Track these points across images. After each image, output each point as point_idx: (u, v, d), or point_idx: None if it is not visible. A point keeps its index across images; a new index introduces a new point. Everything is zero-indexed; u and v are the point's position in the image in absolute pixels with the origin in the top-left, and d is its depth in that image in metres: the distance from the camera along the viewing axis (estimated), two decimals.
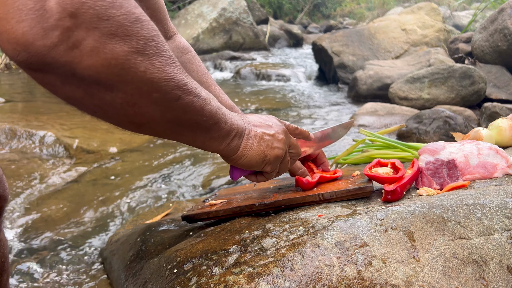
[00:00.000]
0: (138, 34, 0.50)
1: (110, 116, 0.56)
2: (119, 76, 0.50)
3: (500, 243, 0.77)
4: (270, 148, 0.80)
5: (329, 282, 0.72)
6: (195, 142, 0.68)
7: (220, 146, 0.72)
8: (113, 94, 0.51)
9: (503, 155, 1.02)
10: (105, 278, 1.34)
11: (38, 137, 2.61)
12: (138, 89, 0.52)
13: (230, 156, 0.75)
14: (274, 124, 0.83)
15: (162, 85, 0.54)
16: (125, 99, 0.53)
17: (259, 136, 0.78)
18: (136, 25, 0.50)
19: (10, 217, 1.84)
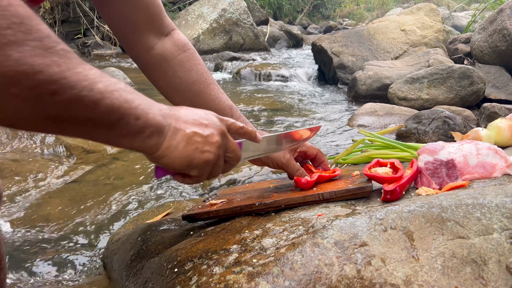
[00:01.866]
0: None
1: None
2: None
3: (499, 243, 0.77)
4: (199, 151, 0.70)
5: (328, 282, 0.73)
6: (96, 138, 0.60)
7: (133, 143, 0.63)
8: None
9: (502, 154, 1.02)
10: (105, 278, 1.34)
11: (39, 137, 2.61)
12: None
13: (149, 154, 0.67)
14: (211, 123, 0.73)
15: (23, 78, 0.48)
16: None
17: (188, 137, 0.69)
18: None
19: (10, 216, 1.84)
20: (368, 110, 3.50)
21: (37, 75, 0.49)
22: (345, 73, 5.30)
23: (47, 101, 0.51)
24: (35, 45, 0.49)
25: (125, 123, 0.59)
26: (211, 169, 0.75)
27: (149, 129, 0.63)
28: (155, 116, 0.64)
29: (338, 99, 4.60)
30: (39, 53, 0.49)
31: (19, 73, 0.48)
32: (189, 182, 0.75)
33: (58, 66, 0.51)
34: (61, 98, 0.51)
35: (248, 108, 4.10)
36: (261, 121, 3.59)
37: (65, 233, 1.72)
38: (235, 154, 0.79)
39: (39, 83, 0.49)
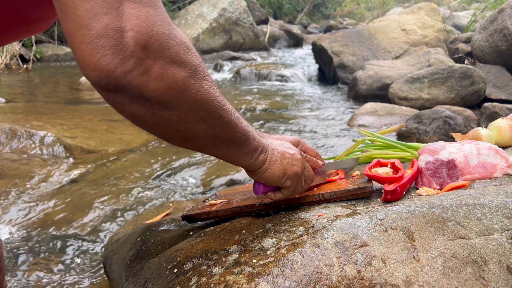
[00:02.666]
0: (190, 61, 0.60)
1: (165, 131, 0.65)
2: (177, 97, 0.60)
3: (500, 243, 0.77)
4: (290, 164, 0.87)
5: (329, 282, 0.72)
6: (229, 156, 0.77)
7: (250, 160, 0.79)
8: (170, 112, 0.61)
9: (503, 154, 1.02)
10: (105, 278, 1.34)
11: (38, 137, 2.61)
12: (190, 108, 0.62)
13: (256, 169, 0.82)
14: (291, 147, 0.91)
15: (208, 105, 0.64)
16: (179, 117, 0.62)
17: (281, 154, 0.86)
18: (188, 52, 0.60)
19: (9, 217, 1.84)
20: (368, 110, 3.50)
21: (215, 102, 0.65)
22: (346, 73, 5.29)
23: (215, 122, 0.67)
24: (210, 79, 0.65)
25: (249, 143, 0.77)
26: (298, 182, 0.91)
27: (260, 148, 0.81)
28: (261, 139, 0.82)
29: (338, 99, 4.60)
30: (212, 86, 0.65)
31: (206, 100, 0.63)
32: (279, 196, 0.91)
33: (220, 96, 0.67)
34: (223, 121, 0.68)
35: (248, 108, 4.10)
36: (260, 121, 3.59)
37: (65, 233, 1.72)
38: (310, 172, 0.95)
39: (215, 109, 0.65)
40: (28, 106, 3.82)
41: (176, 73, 0.58)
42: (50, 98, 4.33)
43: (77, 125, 3.04)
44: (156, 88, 0.57)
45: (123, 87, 0.55)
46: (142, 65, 0.55)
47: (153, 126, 0.63)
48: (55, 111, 3.49)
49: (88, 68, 0.54)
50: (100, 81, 0.55)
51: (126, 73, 0.54)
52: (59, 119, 3.13)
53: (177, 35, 0.59)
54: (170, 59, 0.57)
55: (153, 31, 0.55)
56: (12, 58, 6.54)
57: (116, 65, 0.53)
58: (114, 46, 0.53)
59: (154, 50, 0.55)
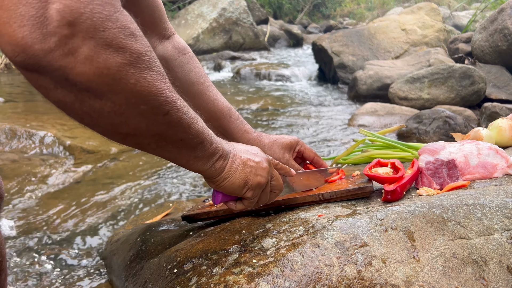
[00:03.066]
0: (132, 48, 0.53)
1: (97, 124, 0.58)
2: (110, 86, 0.52)
3: (500, 243, 0.77)
4: (253, 174, 0.80)
5: (329, 282, 0.72)
6: (179, 159, 0.70)
7: (204, 166, 0.73)
8: (102, 102, 0.54)
9: (503, 155, 1.02)
10: (105, 278, 1.34)
11: (38, 137, 2.61)
12: (126, 100, 0.55)
13: (213, 177, 0.76)
14: (258, 153, 0.84)
15: (151, 98, 0.57)
16: (113, 109, 0.55)
17: (244, 162, 0.79)
18: (130, 39, 0.53)
19: (10, 217, 1.84)
20: (368, 110, 3.50)
21: (160, 96, 0.58)
22: (346, 73, 5.29)
23: (160, 120, 0.60)
24: (158, 71, 0.58)
25: (203, 147, 0.70)
26: (262, 192, 0.85)
27: (218, 154, 0.74)
28: (222, 144, 0.76)
29: (338, 99, 4.60)
30: (160, 78, 0.58)
31: (149, 93, 0.56)
32: (240, 207, 0.85)
33: (170, 91, 0.60)
34: (170, 119, 0.61)
35: (248, 107, 4.10)
36: (260, 120, 3.59)
37: (65, 234, 1.72)
38: (279, 181, 0.89)
39: (159, 104, 0.58)
40: (28, 106, 3.82)
41: (109, 58, 0.51)
42: None
43: (77, 125, 3.03)
44: (83, 72, 0.50)
45: (43, 67, 0.49)
46: (67, 44, 0.48)
47: (83, 116, 0.56)
48: (55, 111, 3.48)
49: (3, 40, 0.47)
50: (15, 57, 0.48)
51: (47, 52, 0.47)
52: (59, 119, 3.13)
53: (120, 18, 0.52)
54: (104, 42, 0.50)
55: (86, 7, 0.48)
56: None
57: (34, 40, 0.47)
58: (35, 17, 0.46)
59: (84, 29, 0.48)
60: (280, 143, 1.15)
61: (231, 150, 0.79)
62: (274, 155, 1.14)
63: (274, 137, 1.17)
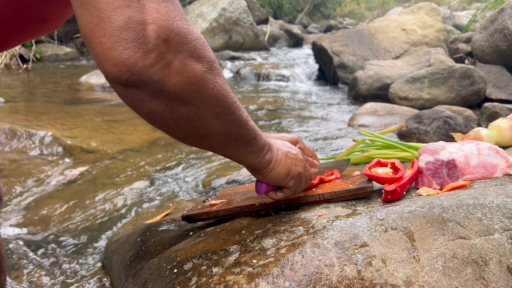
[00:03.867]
0: (207, 56, 0.60)
1: (181, 129, 0.64)
2: (196, 92, 0.59)
3: (500, 243, 0.77)
4: (294, 164, 0.87)
5: (329, 282, 0.72)
6: (237, 155, 0.76)
7: (257, 159, 0.79)
8: (189, 108, 0.60)
9: (503, 155, 1.02)
10: (105, 278, 1.34)
11: (38, 137, 2.61)
12: (207, 104, 0.62)
13: (262, 168, 0.82)
14: (293, 147, 0.92)
15: (223, 101, 0.64)
16: (197, 113, 0.62)
17: (285, 154, 0.86)
18: (205, 48, 0.60)
19: (9, 217, 1.84)
20: (368, 110, 3.50)
21: (228, 98, 0.65)
22: (346, 73, 5.29)
23: (228, 119, 0.67)
24: (223, 75, 0.65)
25: (257, 141, 0.77)
26: (299, 182, 0.91)
27: (267, 147, 0.81)
28: (267, 138, 0.82)
29: (338, 99, 4.60)
30: (225, 82, 0.65)
31: (222, 96, 0.63)
32: (281, 196, 0.91)
33: (232, 93, 0.67)
34: (235, 117, 0.68)
35: (248, 108, 4.10)
36: (260, 121, 3.59)
37: (64, 234, 1.72)
38: (309, 172, 0.96)
39: (228, 105, 0.65)
40: (28, 106, 3.82)
41: (195, 68, 0.58)
42: (50, 98, 4.33)
43: (77, 125, 3.04)
44: (176, 83, 0.56)
45: (144, 82, 0.54)
46: (163, 59, 0.54)
47: (170, 123, 0.62)
48: (55, 111, 3.49)
49: (109, 63, 0.53)
50: (120, 76, 0.54)
51: (148, 67, 0.53)
52: (59, 119, 3.13)
53: (194, 31, 0.59)
54: (189, 54, 0.57)
55: (173, 25, 0.55)
56: (12, 58, 6.54)
57: (138, 58, 0.53)
58: (136, 39, 0.52)
59: (175, 44, 0.55)
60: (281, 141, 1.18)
61: (273, 143, 0.85)
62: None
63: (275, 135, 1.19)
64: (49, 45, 7.88)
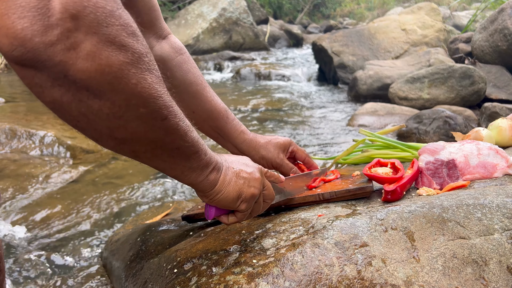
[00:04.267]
0: (133, 47, 0.51)
1: (93, 127, 0.54)
2: (111, 84, 0.50)
3: (500, 243, 0.77)
4: (247, 185, 0.78)
5: (329, 282, 0.72)
6: (173, 170, 0.67)
7: (198, 178, 0.70)
8: (101, 102, 0.51)
9: (503, 155, 1.02)
10: (105, 278, 1.34)
11: (38, 137, 2.61)
12: (126, 101, 0.52)
13: (207, 190, 0.73)
14: (250, 164, 0.82)
15: (151, 101, 0.54)
16: (112, 110, 0.52)
17: (237, 173, 0.77)
18: (132, 38, 0.51)
19: (9, 217, 1.84)
20: (368, 110, 3.50)
21: (159, 100, 0.55)
22: (346, 73, 5.29)
23: (157, 124, 0.57)
24: (157, 74, 0.56)
25: (198, 157, 0.67)
26: (255, 203, 0.82)
27: (212, 165, 0.71)
28: (214, 155, 0.73)
29: (338, 99, 4.60)
30: (159, 82, 0.56)
31: (149, 96, 0.54)
32: (233, 220, 0.82)
33: (167, 96, 0.58)
34: (168, 124, 0.58)
35: (248, 107, 4.10)
36: (260, 120, 3.59)
37: (64, 234, 1.72)
38: (270, 190, 0.87)
39: (158, 108, 0.55)
40: (28, 106, 3.82)
41: (112, 56, 0.48)
42: None
43: None
44: (84, 69, 0.47)
45: (42, 62, 0.46)
46: (69, 38, 0.45)
47: (79, 118, 0.52)
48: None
49: (0, 33, 0.44)
50: (12, 51, 0.45)
51: (48, 45, 0.45)
52: (59, 120, 3.12)
53: (122, 15, 0.50)
54: (107, 39, 0.48)
55: (90, 1, 0.46)
56: None
57: (35, 32, 0.44)
58: (36, 8, 0.44)
59: (88, 23, 0.46)
60: (274, 143, 1.17)
61: (223, 161, 0.76)
62: (270, 154, 1.15)
63: (269, 137, 1.18)
64: None
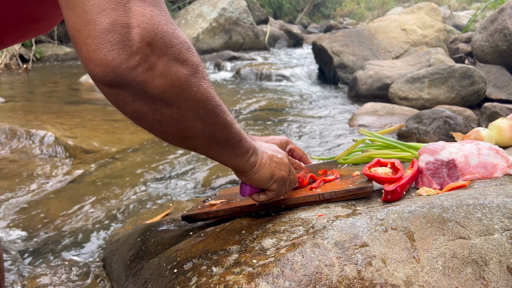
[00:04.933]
0: (191, 60, 0.62)
1: (164, 129, 0.65)
2: (179, 95, 0.60)
3: (500, 243, 0.77)
4: (278, 168, 0.89)
5: (329, 282, 0.72)
6: (222, 157, 0.77)
7: (242, 161, 0.80)
8: (172, 110, 0.61)
9: (503, 155, 1.02)
10: (105, 278, 1.34)
11: (38, 137, 2.61)
12: (190, 106, 0.63)
13: (247, 171, 0.83)
14: (280, 150, 0.94)
15: (207, 103, 0.65)
16: (180, 115, 0.63)
17: (270, 157, 0.88)
18: (190, 52, 0.62)
19: (9, 217, 1.84)
20: (368, 110, 3.50)
21: (212, 101, 0.66)
22: (346, 73, 5.29)
23: (212, 121, 0.68)
24: (208, 79, 0.66)
25: (241, 144, 0.78)
26: (282, 185, 0.92)
27: (251, 150, 0.82)
28: (252, 141, 0.84)
29: (338, 99, 4.60)
30: (210, 85, 0.67)
31: (206, 99, 0.65)
32: (263, 198, 0.93)
33: (217, 96, 0.68)
34: (219, 120, 0.69)
35: (248, 107, 4.10)
36: (260, 120, 3.59)
37: (64, 234, 1.72)
38: (294, 176, 0.98)
39: (212, 108, 0.67)
40: (28, 106, 3.82)
41: (178, 71, 0.59)
42: (50, 98, 4.33)
43: (77, 125, 3.04)
44: (159, 85, 0.58)
45: (128, 83, 0.56)
46: (147, 61, 0.56)
47: (153, 124, 0.63)
48: (55, 111, 3.49)
49: (94, 64, 0.54)
50: (104, 76, 0.55)
51: (131, 69, 0.55)
52: (59, 119, 3.13)
53: (179, 35, 0.60)
54: (173, 57, 0.58)
55: (158, 28, 0.56)
56: (12, 58, 6.54)
57: (122, 60, 0.54)
58: (121, 41, 0.54)
59: (159, 48, 0.56)
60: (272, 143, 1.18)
61: (259, 147, 0.86)
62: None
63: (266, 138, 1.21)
64: (49, 45, 7.88)
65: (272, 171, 0.87)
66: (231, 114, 0.74)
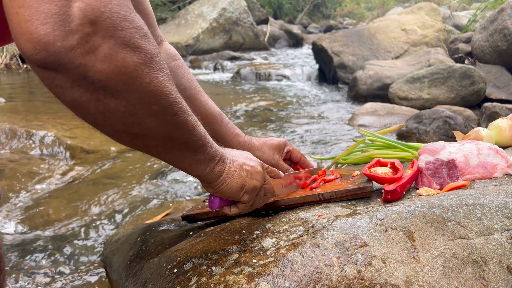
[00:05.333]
0: (146, 48, 0.55)
1: (109, 124, 0.57)
2: (126, 84, 0.53)
3: (500, 243, 0.77)
4: (249, 178, 0.82)
5: (329, 282, 0.72)
6: (182, 163, 0.70)
7: (205, 170, 0.74)
8: (117, 101, 0.54)
9: (503, 154, 1.02)
10: (105, 278, 1.34)
11: (38, 137, 2.61)
12: (140, 99, 0.56)
13: (212, 181, 0.77)
14: (252, 158, 0.87)
15: (162, 99, 0.58)
16: (127, 108, 0.55)
17: (240, 166, 0.81)
18: (144, 39, 0.55)
19: (9, 217, 1.84)
20: (368, 110, 3.50)
21: (170, 97, 0.59)
22: (346, 73, 5.29)
23: (169, 120, 0.61)
24: (167, 73, 0.59)
25: (205, 150, 0.70)
26: (256, 196, 0.87)
27: (217, 158, 0.75)
28: (219, 148, 0.77)
29: (338, 99, 4.60)
30: (169, 80, 0.59)
31: (161, 93, 0.57)
32: (235, 211, 0.87)
33: (177, 93, 0.61)
34: (178, 120, 0.62)
35: (248, 107, 4.10)
36: (260, 120, 3.59)
37: (64, 234, 1.72)
38: (270, 185, 0.91)
39: (169, 104, 0.59)
40: (28, 106, 3.82)
41: (127, 57, 0.52)
42: (50, 98, 4.32)
43: (77, 125, 3.04)
44: (102, 70, 0.51)
45: (64, 65, 0.49)
46: (88, 42, 0.49)
47: (96, 116, 0.56)
48: (55, 111, 3.48)
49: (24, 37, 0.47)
50: (36, 54, 0.48)
51: (68, 49, 0.48)
52: (59, 119, 3.12)
53: (135, 19, 0.54)
54: (122, 41, 0.51)
55: (106, 7, 0.49)
56: (12, 58, 6.54)
57: (56, 37, 0.47)
58: (58, 14, 0.47)
59: (104, 28, 0.50)
60: (269, 145, 1.18)
61: (227, 154, 0.80)
62: (265, 156, 1.16)
63: (263, 139, 1.20)
64: None
65: (242, 180, 0.80)
66: (193, 115, 0.67)
